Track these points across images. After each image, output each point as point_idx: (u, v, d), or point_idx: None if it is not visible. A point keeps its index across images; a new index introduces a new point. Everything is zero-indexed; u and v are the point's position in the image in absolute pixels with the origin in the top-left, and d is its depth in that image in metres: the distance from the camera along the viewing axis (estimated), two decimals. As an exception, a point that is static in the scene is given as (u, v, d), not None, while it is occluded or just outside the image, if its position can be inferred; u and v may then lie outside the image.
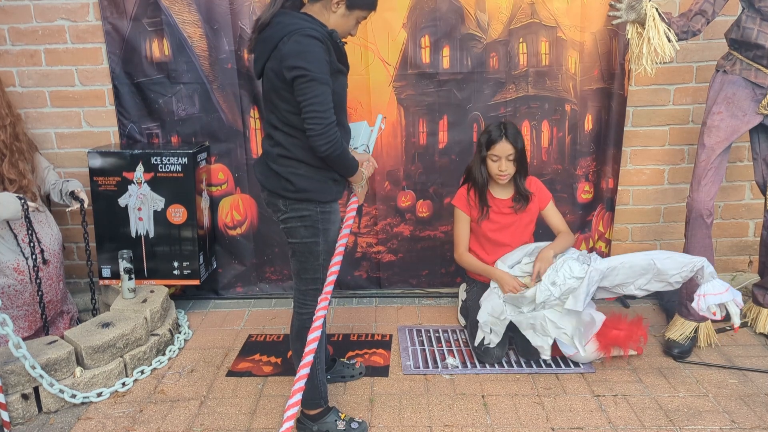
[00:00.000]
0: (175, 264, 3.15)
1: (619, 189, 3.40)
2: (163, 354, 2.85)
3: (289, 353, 2.77)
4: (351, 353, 2.86)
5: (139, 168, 3.04)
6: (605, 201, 3.40)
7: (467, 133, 3.28)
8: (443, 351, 2.87)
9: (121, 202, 3.08)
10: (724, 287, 2.41)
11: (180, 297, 3.43)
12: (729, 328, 3.00)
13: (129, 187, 3.07)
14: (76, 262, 3.52)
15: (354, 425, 2.25)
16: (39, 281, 2.80)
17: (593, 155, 3.33)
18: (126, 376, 2.66)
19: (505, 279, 2.73)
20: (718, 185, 2.70)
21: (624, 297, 3.35)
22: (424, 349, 2.90)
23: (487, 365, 2.73)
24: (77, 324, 3.05)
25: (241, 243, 3.42)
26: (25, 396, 2.39)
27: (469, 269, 2.97)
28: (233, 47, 3.16)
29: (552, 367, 2.71)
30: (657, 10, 2.53)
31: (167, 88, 3.21)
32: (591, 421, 2.34)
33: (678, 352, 2.76)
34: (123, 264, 2.91)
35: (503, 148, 2.74)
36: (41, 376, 2.37)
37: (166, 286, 3.13)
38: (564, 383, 2.60)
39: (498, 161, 2.76)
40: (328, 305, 2.03)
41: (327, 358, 2.57)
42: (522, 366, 2.73)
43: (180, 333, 3.04)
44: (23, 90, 3.26)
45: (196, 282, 3.20)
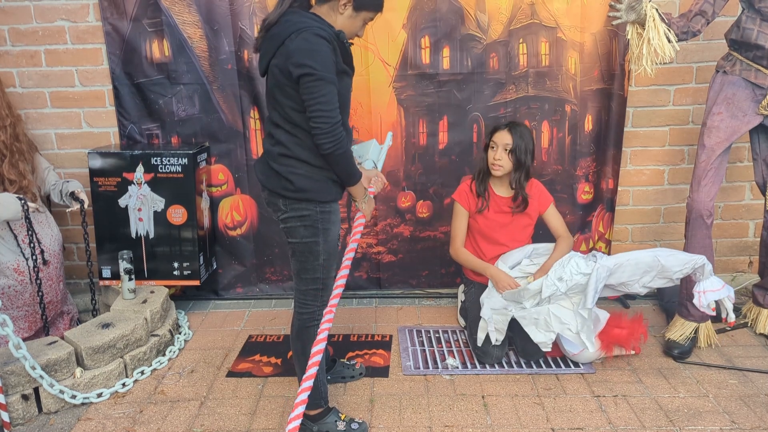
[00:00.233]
0: (175, 264, 3.15)
1: (619, 189, 3.40)
2: (163, 354, 2.85)
3: (290, 354, 2.77)
4: (351, 354, 2.86)
5: (139, 169, 3.04)
6: (605, 201, 3.40)
7: (467, 134, 3.28)
8: (443, 351, 2.87)
9: (121, 202, 3.08)
10: (720, 284, 2.47)
11: (180, 297, 3.43)
12: (729, 328, 3.01)
13: (129, 188, 3.07)
14: (76, 262, 3.52)
15: (354, 426, 2.25)
16: (39, 282, 2.80)
17: (593, 156, 3.34)
18: (126, 376, 2.66)
19: (500, 276, 2.73)
20: (718, 186, 2.70)
21: (624, 297, 3.35)
22: (424, 350, 2.90)
23: (487, 366, 2.73)
24: (77, 325, 3.05)
25: (241, 244, 3.43)
26: (25, 396, 2.39)
27: (465, 264, 2.96)
28: (233, 48, 3.16)
29: (552, 368, 2.71)
30: (657, 10, 2.53)
31: (167, 88, 3.21)
32: (591, 422, 2.34)
33: (678, 352, 2.76)
34: (123, 264, 2.91)
35: (502, 136, 2.75)
36: (41, 376, 2.37)
37: (166, 286, 3.13)
38: (564, 384, 2.60)
39: (495, 149, 2.77)
40: (332, 318, 2.04)
41: (327, 358, 2.57)
42: (522, 366, 2.73)
43: (180, 333, 3.04)
44: (23, 91, 3.26)
45: (196, 282, 3.20)
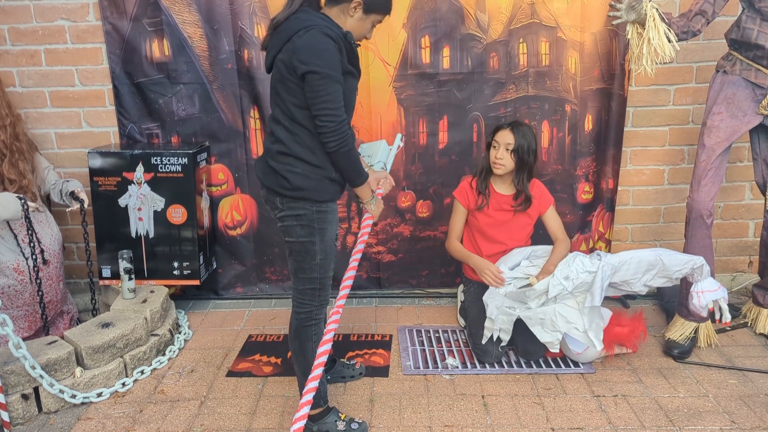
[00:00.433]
0: (175, 264, 3.15)
1: (619, 189, 3.40)
2: (163, 354, 2.85)
3: (289, 353, 2.76)
4: (351, 353, 2.86)
5: (139, 168, 3.04)
6: (605, 201, 3.40)
7: (467, 134, 3.28)
8: (443, 351, 2.87)
9: (121, 202, 3.08)
10: (716, 285, 2.51)
11: (180, 297, 3.43)
12: (728, 328, 3.01)
13: (129, 188, 3.07)
14: (76, 262, 3.52)
15: (354, 426, 2.25)
16: (39, 281, 2.80)
17: (593, 155, 3.33)
18: (126, 376, 2.66)
19: (485, 265, 2.76)
20: (718, 185, 2.70)
21: (624, 297, 3.35)
22: (424, 350, 2.90)
23: (487, 365, 2.73)
24: (77, 324, 3.05)
25: (241, 243, 3.42)
26: (25, 396, 2.39)
27: (455, 255, 2.98)
28: (233, 47, 3.16)
29: (552, 368, 2.71)
30: (657, 10, 2.53)
31: (167, 88, 3.21)
32: (591, 422, 2.34)
33: (678, 352, 2.76)
34: (123, 264, 2.91)
35: (504, 136, 2.77)
36: (41, 376, 2.37)
37: (166, 286, 3.13)
38: (564, 383, 2.60)
39: (497, 148, 2.78)
40: (339, 319, 2.03)
41: (327, 358, 2.57)
42: (522, 366, 2.73)
43: (180, 333, 3.04)
44: (23, 90, 3.26)
45: (196, 282, 3.20)
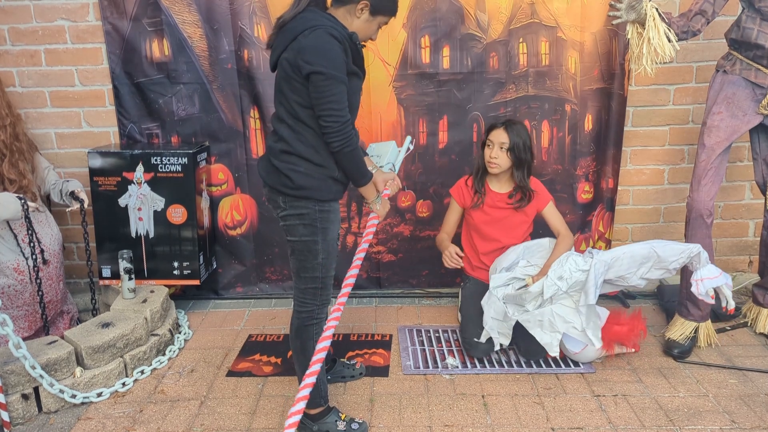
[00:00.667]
0: (175, 264, 3.15)
1: (619, 189, 3.41)
2: (163, 354, 2.85)
3: (290, 353, 2.77)
4: (351, 353, 2.86)
5: (139, 168, 3.04)
6: (605, 201, 3.40)
7: (467, 134, 3.28)
8: (443, 351, 2.87)
9: (121, 202, 3.08)
10: (717, 272, 2.47)
11: (180, 297, 3.43)
12: (729, 328, 3.01)
13: (129, 187, 3.07)
14: (76, 262, 3.52)
15: (354, 426, 2.25)
16: (39, 281, 2.80)
17: (593, 155, 3.33)
18: (126, 376, 2.66)
19: (445, 247, 2.84)
20: (718, 185, 2.70)
21: (624, 296, 3.36)
22: (424, 349, 2.90)
23: (477, 361, 2.73)
24: (77, 324, 3.05)
25: (241, 243, 3.42)
26: (25, 396, 2.39)
27: (437, 245, 3.00)
28: (233, 47, 3.16)
29: (552, 367, 2.71)
30: (657, 10, 2.53)
31: (167, 88, 3.21)
32: (591, 421, 2.34)
33: (678, 352, 2.76)
34: (123, 264, 2.91)
35: (498, 135, 2.77)
36: (41, 376, 2.37)
37: (166, 286, 3.13)
38: (564, 383, 2.60)
39: (491, 147, 2.79)
40: (339, 316, 2.03)
41: (327, 357, 2.57)
42: (522, 366, 2.73)
43: (180, 333, 3.04)
44: (23, 90, 3.26)
45: (196, 282, 3.20)
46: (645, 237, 3.51)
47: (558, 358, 2.77)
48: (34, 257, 2.78)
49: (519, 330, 2.74)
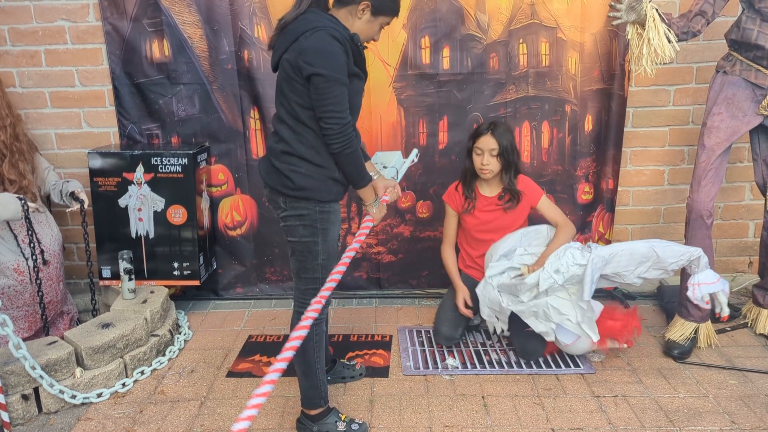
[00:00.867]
0: (175, 265, 3.15)
1: (619, 190, 3.41)
2: (163, 355, 2.85)
3: (289, 354, 2.77)
4: (351, 354, 2.86)
5: (139, 169, 3.04)
6: (605, 202, 3.40)
7: (467, 134, 3.27)
8: (443, 352, 2.87)
9: (121, 202, 3.08)
10: (716, 277, 2.46)
11: (180, 298, 3.43)
12: (729, 329, 3.01)
13: (129, 188, 3.07)
14: (76, 262, 3.52)
15: (354, 426, 2.25)
16: (39, 282, 2.80)
17: (593, 156, 3.34)
18: (126, 376, 2.66)
19: (459, 291, 2.86)
20: (718, 186, 2.70)
21: (624, 297, 3.35)
22: (424, 350, 2.90)
23: (477, 362, 2.73)
24: (77, 325, 3.05)
25: (241, 244, 3.42)
26: (25, 396, 2.39)
27: (444, 264, 3.01)
28: (233, 48, 3.16)
29: (552, 368, 2.71)
30: (657, 10, 2.53)
31: (167, 88, 3.21)
32: (591, 422, 2.34)
33: (678, 352, 2.76)
34: (123, 265, 2.91)
35: (487, 141, 2.75)
36: (41, 376, 2.37)
37: (166, 286, 3.13)
38: (564, 384, 2.60)
39: (481, 155, 2.77)
40: (320, 308, 1.98)
41: (327, 358, 2.57)
42: (522, 367, 2.73)
43: (180, 334, 3.04)
44: (23, 91, 3.26)
45: (196, 283, 3.20)
46: (645, 238, 3.49)
47: (558, 358, 2.77)
48: (34, 258, 2.78)
49: (515, 329, 2.74)
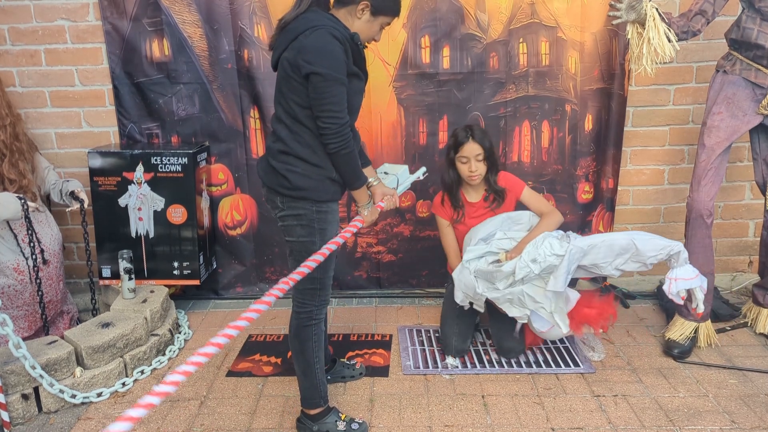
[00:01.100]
0: (175, 264, 3.15)
1: (619, 189, 3.40)
2: (163, 354, 2.85)
3: (289, 353, 2.76)
4: (351, 353, 2.86)
5: (139, 168, 3.04)
6: (605, 201, 3.40)
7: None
8: (443, 351, 2.87)
9: (121, 202, 3.08)
10: (694, 273, 2.44)
11: (180, 297, 3.43)
12: (729, 328, 3.01)
13: (129, 187, 3.07)
14: (76, 262, 3.52)
15: (354, 426, 2.25)
16: (39, 281, 2.80)
17: (593, 155, 3.33)
18: (126, 376, 2.66)
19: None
20: (718, 185, 2.70)
21: (624, 296, 3.35)
22: (424, 349, 2.90)
23: (477, 361, 2.73)
24: (77, 324, 3.05)
25: (241, 243, 3.42)
26: (25, 396, 2.39)
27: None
28: (233, 47, 3.16)
29: (552, 368, 2.71)
30: (657, 10, 2.53)
31: (167, 88, 3.21)
32: (591, 422, 2.34)
33: (678, 352, 2.76)
34: (123, 264, 2.91)
35: (471, 148, 2.70)
36: (41, 376, 2.37)
37: (166, 286, 3.13)
38: (564, 383, 2.60)
39: (467, 163, 2.72)
40: (285, 289, 1.90)
41: (327, 358, 2.57)
42: (522, 366, 2.73)
43: (180, 333, 3.04)
44: (23, 90, 3.26)
45: (196, 282, 3.20)
46: (645, 237, 3.52)
47: (558, 358, 2.77)
48: (34, 257, 2.78)
49: (494, 326, 2.77)
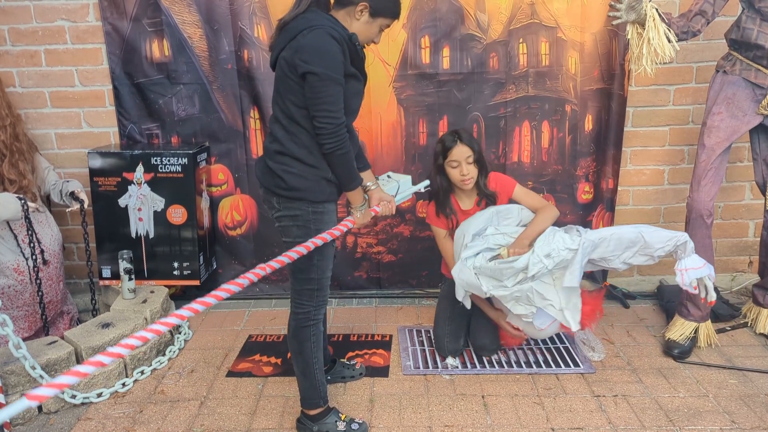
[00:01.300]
0: (175, 264, 3.15)
1: (619, 189, 3.40)
2: (163, 354, 2.85)
3: (289, 354, 2.77)
4: (351, 354, 2.86)
5: (139, 168, 3.04)
6: (605, 201, 3.40)
7: (467, 134, 3.28)
8: (437, 352, 2.87)
9: (121, 202, 3.08)
10: (702, 262, 2.42)
11: (180, 297, 3.43)
12: (729, 328, 3.01)
13: (129, 188, 3.07)
14: (76, 262, 3.52)
15: (354, 426, 2.25)
16: (39, 282, 2.80)
17: (593, 156, 3.33)
18: (126, 376, 2.66)
19: (501, 319, 2.70)
20: (718, 186, 2.70)
21: (623, 295, 3.35)
22: (424, 350, 2.90)
23: (477, 361, 2.73)
24: (77, 324, 3.05)
25: (241, 243, 3.42)
26: (25, 396, 2.39)
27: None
28: (233, 48, 3.16)
29: (552, 368, 2.71)
30: (657, 10, 2.53)
31: (167, 88, 3.21)
32: (591, 422, 2.34)
33: (678, 352, 2.76)
34: (123, 264, 2.91)
35: (460, 152, 2.64)
36: (41, 376, 2.37)
37: (166, 286, 3.14)
38: (564, 383, 2.60)
39: (458, 166, 2.66)
40: (275, 267, 1.88)
41: (327, 358, 2.57)
42: (522, 366, 2.73)
43: (180, 333, 3.04)
44: (23, 90, 3.26)
45: (196, 282, 3.20)
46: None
47: (558, 358, 2.77)
48: (34, 257, 2.78)
49: (471, 324, 2.78)
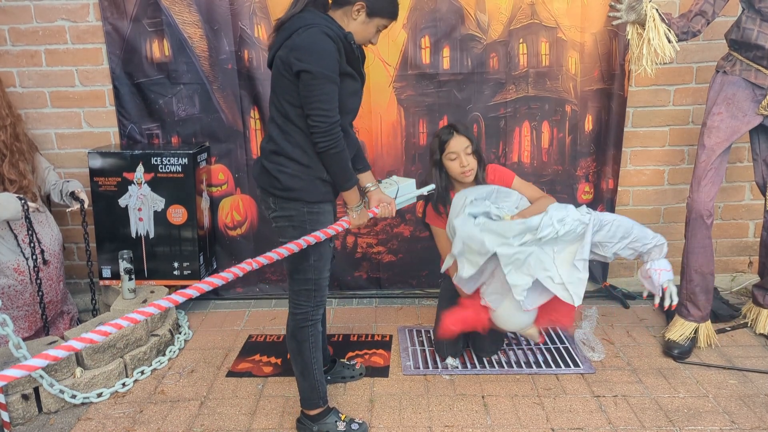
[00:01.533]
0: (176, 264, 3.15)
1: (619, 190, 3.41)
2: (164, 354, 2.85)
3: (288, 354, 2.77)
4: (351, 354, 2.86)
5: (140, 168, 3.04)
6: (605, 202, 3.40)
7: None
8: (437, 353, 2.87)
9: (122, 202, 3.08)
10: (669, 266, 2.48)
11: (180, 297, 3.43)
12: (729, 328, 3.01)
13: (129, 188, 3.07)
14: (76, 262, 3.52)
15: (354, 426, 2.25)
16: (39, 282, 2.80)
17: (593, 156, 3.34)
18: (126, 376, 2.66)
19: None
20: (718, 186, 2.70)
21: (623, 295, 3.35)
22: (424, 350, 2.90)
23: (477, 362, 2.73)
24: (77, 324, 3.05)
25: (241, 243, 3.43)
26: (26, 396, 2.39)
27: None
28: (233, 48, 3.16)
29: (552, 368, 2.71)
30: (657, 10, 2.53)
31: (167, 88, 3.21)
32: (591, 422, 2.34)
33: (678, 352, 2.76)
34: (123, 264, 2.91)
35: (458, 143, 2.60)
36: (41, 376, 2.37)
37: (166, 286, 3.14)
38: (564, 384, 2.60)
39: (457, 158, 2.61)
40: (262, 263, 1.89)
41: (327, 358, 2.57)
42: (522, 366, 2.73)
43: (180, 333, 3.04)
44: (23, 90, 3.26)
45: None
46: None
47: (558, 358, 2.77)
48: (34, 257, 2.78)
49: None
